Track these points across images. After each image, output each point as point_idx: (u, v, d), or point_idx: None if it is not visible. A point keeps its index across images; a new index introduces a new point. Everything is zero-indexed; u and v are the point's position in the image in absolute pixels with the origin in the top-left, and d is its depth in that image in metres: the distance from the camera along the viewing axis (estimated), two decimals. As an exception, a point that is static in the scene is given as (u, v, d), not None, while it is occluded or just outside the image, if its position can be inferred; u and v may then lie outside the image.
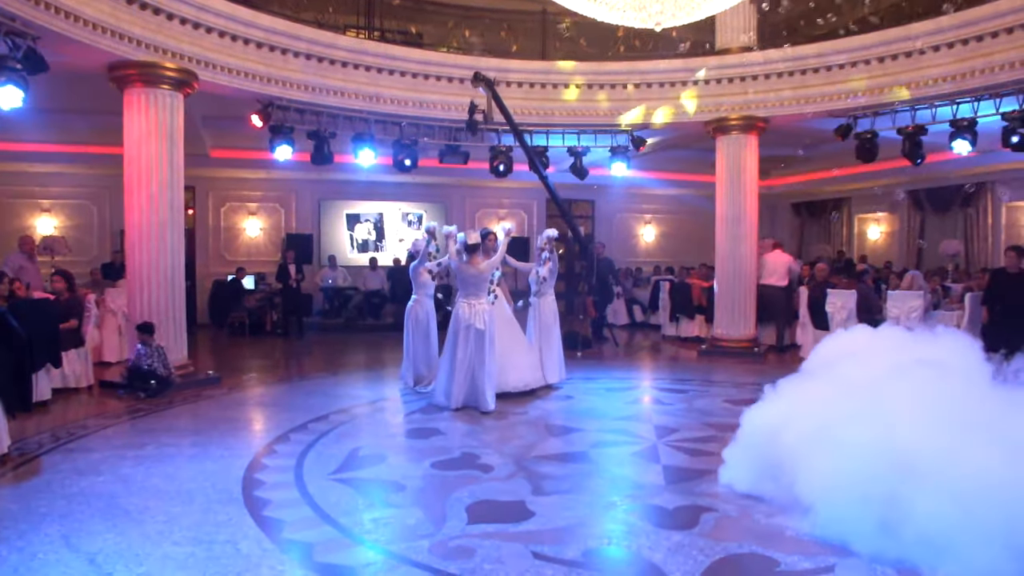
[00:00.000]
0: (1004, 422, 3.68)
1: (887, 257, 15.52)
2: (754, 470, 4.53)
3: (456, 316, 7.30)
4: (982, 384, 4.11)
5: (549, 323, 8.49)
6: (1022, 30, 8.59)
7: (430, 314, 8.60)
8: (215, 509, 4.31)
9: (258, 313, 13.81)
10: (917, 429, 3.74)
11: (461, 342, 7.15)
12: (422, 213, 16.24)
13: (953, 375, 4.10)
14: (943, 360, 4.24)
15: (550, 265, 8.56)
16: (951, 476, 3.44)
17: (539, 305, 8.57)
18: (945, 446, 3.58)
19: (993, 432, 3.61)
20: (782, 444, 4.27)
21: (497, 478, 4.97)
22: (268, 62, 9.44)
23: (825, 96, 10.33)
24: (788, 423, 4.35)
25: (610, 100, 11.13)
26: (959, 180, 13.90)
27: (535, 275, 8.60)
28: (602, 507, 4.48)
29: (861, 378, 4.30)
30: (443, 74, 10.86)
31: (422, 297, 8.56)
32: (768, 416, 4.59)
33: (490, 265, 7.36)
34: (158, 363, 7.89)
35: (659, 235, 18.24)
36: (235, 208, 15.34)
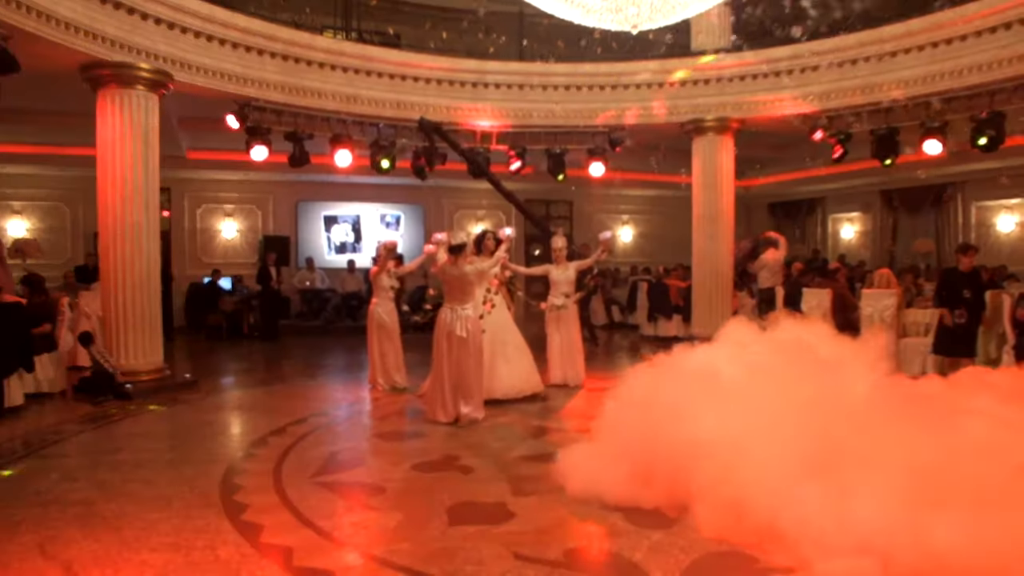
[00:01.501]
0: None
1: (861, 256, 15.74)
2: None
3: (437, 323, 6.82)
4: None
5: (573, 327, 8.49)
6: (990, 34, 8.77)
7: (393, 316, 8.57)
8: (193, 514, 4.27)
9: (235, 316, 13.69)
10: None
11: (445, 352, 6.63)
12: (400, 214, 16.20)
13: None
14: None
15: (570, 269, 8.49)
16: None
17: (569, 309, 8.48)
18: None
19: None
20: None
21: (477, 480, 4.99)
22: (245, 63, 9.36)
23: (799, 97, 10.47)
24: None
25: (587, 101, 11.18)
26: (930, 181, 14.15)
27: (559, 277, 8.43)
28: (582, 507, 4.50)
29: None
30: (421, 75, 10.86)
31: (383, 300, 8.50)
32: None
33: (477, 270, 6.79)
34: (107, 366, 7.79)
35: (637, 235, 18.35)
36: (211, 210, 15.20)
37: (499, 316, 7.63)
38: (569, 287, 8.42)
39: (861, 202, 16.29)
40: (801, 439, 3.85)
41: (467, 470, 5.20)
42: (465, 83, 11.08)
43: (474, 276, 6.77)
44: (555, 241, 8.53)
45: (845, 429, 3.82)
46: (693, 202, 11.40)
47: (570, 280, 8.40)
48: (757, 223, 17.86)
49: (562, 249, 8.46)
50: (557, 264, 8.47)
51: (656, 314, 13.20)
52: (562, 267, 8.44)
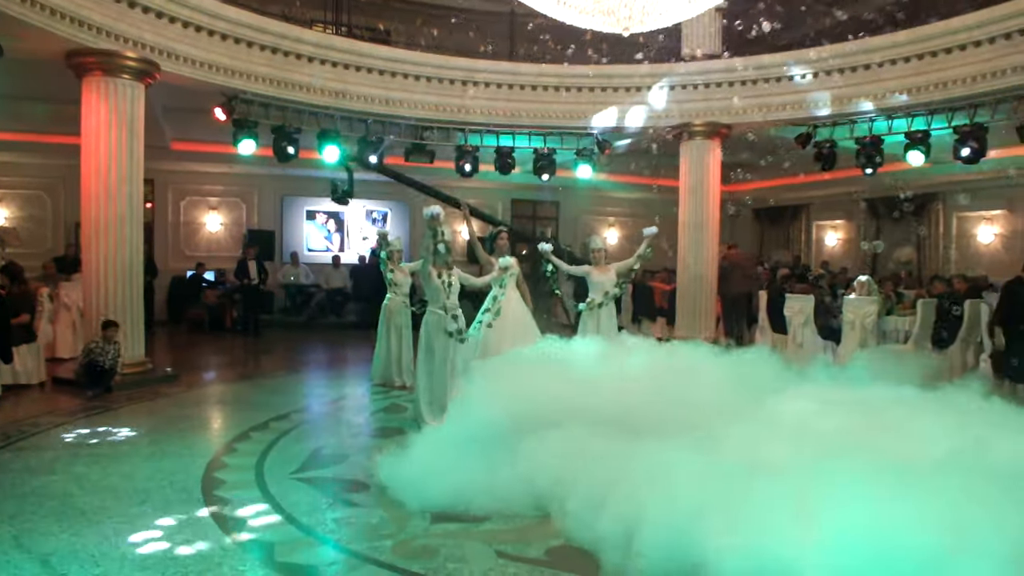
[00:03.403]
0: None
1: (844, 263, 15.88)
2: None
3: (424, 327, 6.31)
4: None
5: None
6: (975, 48, 8.89)
7: (406, 313, 8.34)
8: (174, 509, 4.23)
9: (218, 310, 13.58)
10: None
11: (432, 354, 6.21)
12: (387, 211, 16.14)
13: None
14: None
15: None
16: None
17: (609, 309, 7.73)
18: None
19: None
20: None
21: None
22: (233, 54, 9.29)
23: (786, 105, 10.56)
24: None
25: (576, 103, 11.21)
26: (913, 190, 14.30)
27: (600, 279, 7.68)
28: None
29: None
30: (411, 72, 10.82)
31: (399, 295, 8.33)
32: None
33: (464, 277, 6.50)
34: (111, 362, 7.65)
35: (622, 238, 18.39)
36: (195, 203, 15.05)
37: (514, 316, 7.02)
38: (610, 288, 7.64)
39: (844, 210, 16.43)
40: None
41: (450, 468, 5.19)
42: (455, 81, 11.06)
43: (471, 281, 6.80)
44: (593, 241, 7.94)
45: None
46: (679, 206, 11.46)
47: (612, 283, 7.66)
48: (742, 228, 17.97)
49: (602, 250, 7.78)
50: (597, 266, 7.71)
51: (640, 316, 13.24)
52: (602, 270, 7.68)
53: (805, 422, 4.09)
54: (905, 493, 2.92)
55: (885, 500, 2.89)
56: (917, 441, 3.63)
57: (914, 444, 3.59)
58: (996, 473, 3.11)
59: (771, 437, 3.83)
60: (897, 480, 3.01)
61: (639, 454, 3.88)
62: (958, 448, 3.38)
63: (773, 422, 4.18)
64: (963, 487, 2.92)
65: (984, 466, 3.19)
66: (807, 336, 9.39)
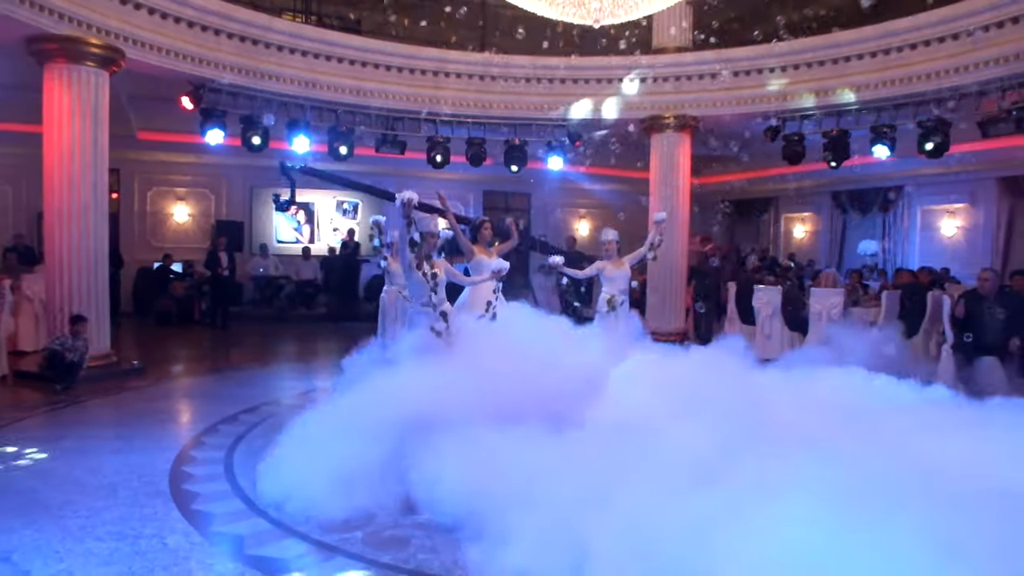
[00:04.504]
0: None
1: (812, 255, 16.12)
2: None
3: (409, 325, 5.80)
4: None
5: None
6: (939, 43, 9.07)
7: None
8: (141, 503, 4.19)
9: (186, 302, 13.39)
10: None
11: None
12: (358, 202, 16.02)
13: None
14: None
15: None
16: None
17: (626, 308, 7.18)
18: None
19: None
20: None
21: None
22: (200, 42, 9.14)
23: (756, 98, 10.67)
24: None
25: (548, 94, 11.21)
26: (879, 183, 14.55)
27: (615, 274, 7.10)
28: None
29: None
30: (381, 62, 10.76)
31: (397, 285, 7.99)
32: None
33: (451, 272, 5.77)
34: (77, 357, 7.50)
35: (594, 230, 18.46)
36: (162, 193, 14.80)
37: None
38: (626, 284, 7.14)
39: (813, 203, 16.67)
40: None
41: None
42: (426, 71, 11.01)
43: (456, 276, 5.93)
44: (606, 233, 7.32)
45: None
46: (650, 198, 11.54)
47: (627, 277, 7.15)
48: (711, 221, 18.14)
49: (613, 242, 7.21)
50: (610, 260, 7.16)
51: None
52: (616, 263, 7.13)
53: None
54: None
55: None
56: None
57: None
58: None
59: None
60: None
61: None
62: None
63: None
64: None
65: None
66: (775, 327, 9.53)
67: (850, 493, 2.82)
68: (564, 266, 6.97)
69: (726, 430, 3.69)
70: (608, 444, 3.78)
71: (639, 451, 3.61)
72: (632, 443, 3.72)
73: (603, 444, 3.81)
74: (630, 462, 3.51)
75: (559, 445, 3.88)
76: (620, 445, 3.73)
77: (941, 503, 2.77)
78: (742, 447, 3.42)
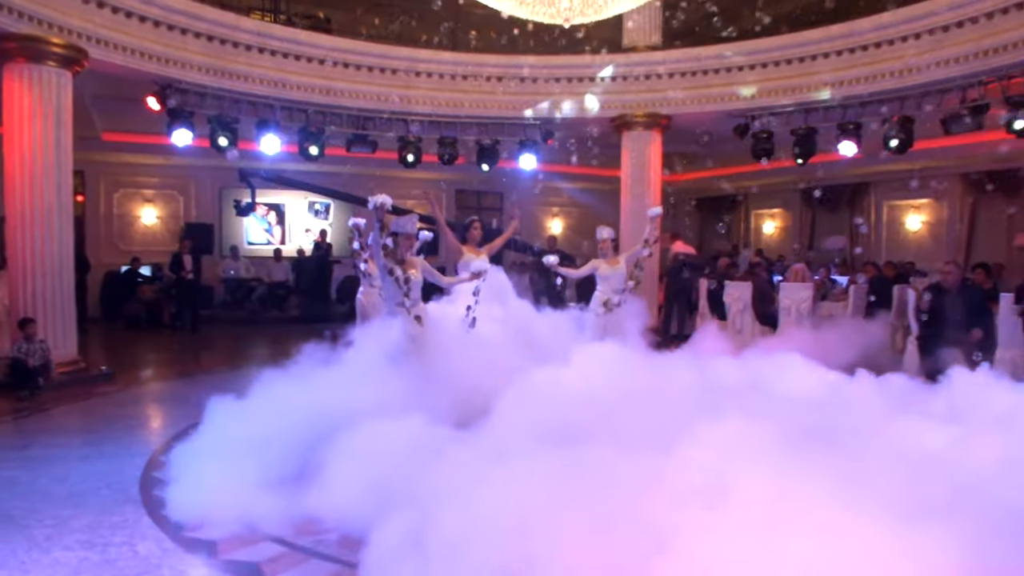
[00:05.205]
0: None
1: (782, 251, 16.32)
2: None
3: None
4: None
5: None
6: (902, 42, 9.24)
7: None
8: (110, 510, 4.12)
9: (155, 306, 13.19)
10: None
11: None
12: (329, 203, 15.89)
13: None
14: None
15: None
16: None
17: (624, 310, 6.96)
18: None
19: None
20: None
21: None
22: (166, 42, 9.02)
23: (725, 96, 10.79)
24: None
25: (519, 93, 11.23)
26: (846, 180, 14.78)
27: (610, 273, 6.95)
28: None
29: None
30: (351, 62, 10.70)
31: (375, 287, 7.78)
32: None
33: (429, 271, 5.49)
34: (40, 360, 7.35)
35: (566, 228, 18.52)
36: (129, 195, 14.55)
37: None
38: (621, 284, 6.93)
39: (782, 199, 16.88)
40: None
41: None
42: (397, 71, 10.97)
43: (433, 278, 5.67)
44: (600, 232, 7.13)
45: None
46: (621, 196, 11.61)
47: (622, 276, 6.93)
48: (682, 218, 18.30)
49: (608, 240, 7.06)
50: (605, 258, 7.02)
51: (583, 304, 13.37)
52: (612, 262, 6.97)
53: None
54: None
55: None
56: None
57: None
58: None
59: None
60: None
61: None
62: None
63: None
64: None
65: None
66: (746, 322, 9.64)
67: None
68: (558, 266, 6.88)
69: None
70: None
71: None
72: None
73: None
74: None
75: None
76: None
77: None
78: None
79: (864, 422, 3.75)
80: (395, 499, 3.36)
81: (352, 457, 3.92)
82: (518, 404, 4.08)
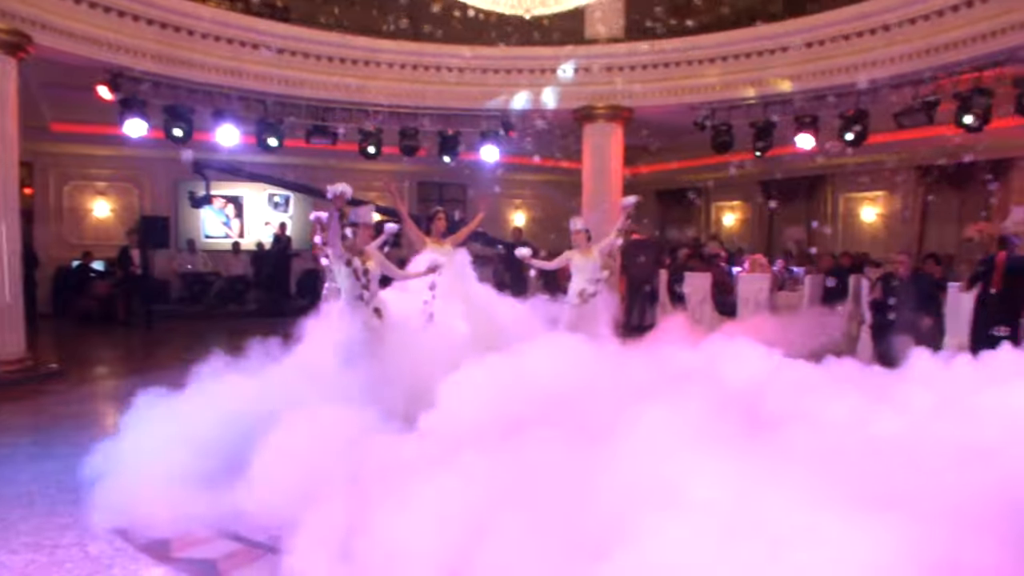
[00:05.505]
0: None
1: (741, 242, 16.55)
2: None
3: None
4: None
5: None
6: (858, 37, 9.42)
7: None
8: (60, 511, 4.01)
9: (108, 301, 12.87)
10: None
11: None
12: (289, 195, 15.67)
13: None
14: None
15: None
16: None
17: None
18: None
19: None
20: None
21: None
22: (117, 28, 8.77)
23: (687, 88, 10.87)
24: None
25: (481, 84, 11.17)
26: (804, 172, 15.03)
27: (583, 263, 6.84)
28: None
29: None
30: (311, 51, 10.54)
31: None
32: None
33: (386, 265, 5.28)
34: None
35: (530, 220, 18.54)
36: (81, 187, 14.17)
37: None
38: (594, 274, 6.87)
39: (742, 191, 17.11)
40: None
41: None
42: (357, 61, 10.83)
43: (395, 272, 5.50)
44: (574, 222, 7.07)
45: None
46: (583, 188, 11.64)
47: (596, 266, 6.88)
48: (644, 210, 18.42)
49: (582, 231, 6.98)
50: (579, 249, 6.93)
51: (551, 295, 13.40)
52: (585, 252, 6.88)
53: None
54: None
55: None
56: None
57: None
58: None
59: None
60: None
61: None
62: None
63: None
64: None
65: None
66: (705, 312, 9.76)
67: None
68: (531, 258, 6.88)
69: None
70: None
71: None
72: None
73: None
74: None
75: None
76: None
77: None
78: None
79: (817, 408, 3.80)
80: (324, 494, 3.31)
81: (281, 451, 3.85)
82: (460, 396, 3.97)
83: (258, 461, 3.87)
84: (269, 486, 3.70)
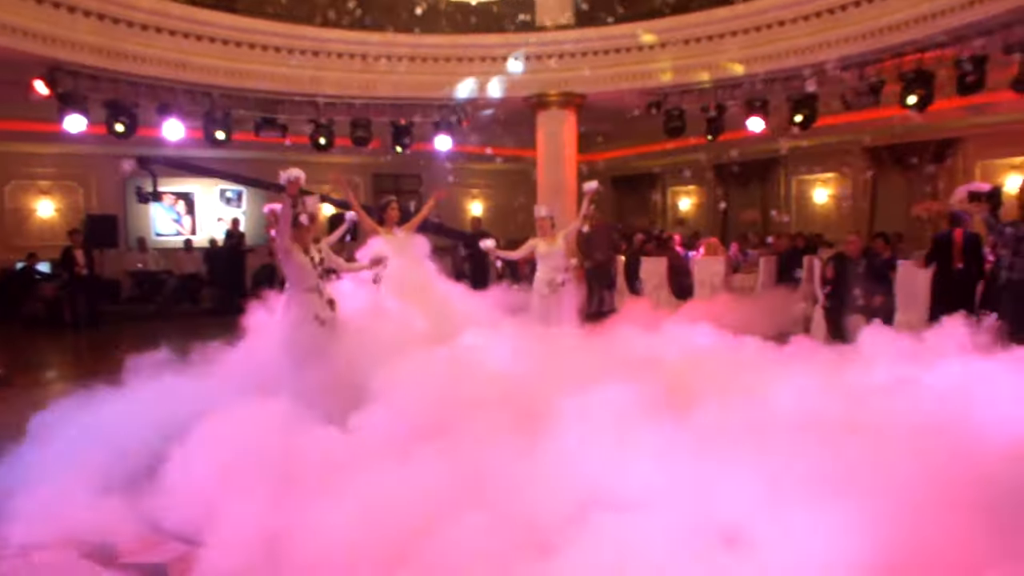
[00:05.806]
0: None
1: (696, 226, 16.74)
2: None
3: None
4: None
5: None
6: (804, 21, 9.56)
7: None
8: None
9: (55, 304, 12.47)
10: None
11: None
12: (242, 190, 15.37)
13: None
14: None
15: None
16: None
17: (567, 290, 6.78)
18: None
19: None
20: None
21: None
22: (52, 20, 8.47)
23: (639, 74, 10.91)
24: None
25: (432, 73, 11.07)
26: (757, 156, 15.24)
27: (548, 251, 6.72)
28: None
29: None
30: (257, 42, 10.32)
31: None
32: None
33: (329, 256, 5.07)
34: None
35: (486, 209, 18.48)
36: (23, 187, 13.70)
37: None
38: (560, 261, 6.75)
39: (697, 176, 17.29)
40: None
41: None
42: (305, 51, 10.63)
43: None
44: (538, 210, 6.92)
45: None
46: (538, 176, 11.63)
47: (561, 253, 6.78)
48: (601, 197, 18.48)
49: (548, 218, 6.82)
50: (543, 236, 6.78)
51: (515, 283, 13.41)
52: (550, 240, 6.76)
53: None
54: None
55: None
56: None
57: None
58: None
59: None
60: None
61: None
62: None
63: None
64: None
65: None
66: (663, 297, 9.84)
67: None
68: (495, 249, 6.74)
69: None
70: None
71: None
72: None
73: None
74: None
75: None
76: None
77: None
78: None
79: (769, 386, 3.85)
80: (245, 497, 3.24)
81: (198, 449, 3.75)
82: (397, 389, 3.91)
83: (173, 461, 3.75)
84: (184, 487, 3.61)
